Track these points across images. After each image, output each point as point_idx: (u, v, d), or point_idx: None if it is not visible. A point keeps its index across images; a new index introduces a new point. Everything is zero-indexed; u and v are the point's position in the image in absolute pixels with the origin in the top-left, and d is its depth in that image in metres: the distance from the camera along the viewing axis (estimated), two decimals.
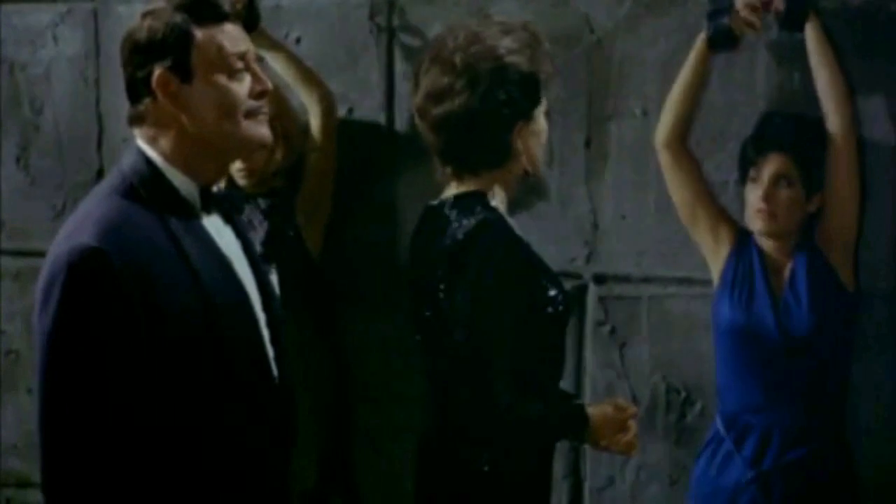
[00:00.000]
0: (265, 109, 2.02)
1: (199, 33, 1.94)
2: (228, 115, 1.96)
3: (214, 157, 2.00)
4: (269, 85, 2.02)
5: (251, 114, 1.98)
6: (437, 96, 2.34)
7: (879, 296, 2.88)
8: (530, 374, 2.35)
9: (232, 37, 1.98)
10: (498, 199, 2.41)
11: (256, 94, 1.99)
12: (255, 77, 2.00)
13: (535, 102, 2.39)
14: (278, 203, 3.13)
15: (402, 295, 2.58)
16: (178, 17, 1.93)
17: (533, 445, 2.43)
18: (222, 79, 1.96)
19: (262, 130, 2.01)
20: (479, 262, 2.27)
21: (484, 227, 2.31)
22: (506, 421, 2.29)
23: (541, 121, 2.43)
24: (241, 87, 1.97)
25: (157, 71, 1.92)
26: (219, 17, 1.97)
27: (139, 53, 1.94)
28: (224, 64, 1.96)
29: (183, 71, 1.93)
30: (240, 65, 1.98)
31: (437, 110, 2.34)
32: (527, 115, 2.37)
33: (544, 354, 2.41)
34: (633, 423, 2.45)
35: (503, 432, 2.32)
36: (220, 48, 1.96)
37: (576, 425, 2.40)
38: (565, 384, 2.68)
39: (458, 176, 2.41)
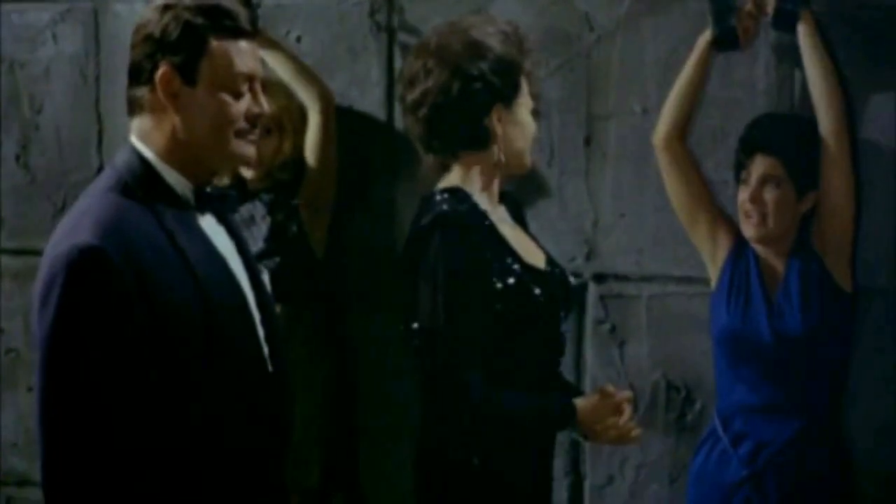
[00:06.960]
0: (256, 132, 2.02)
1: (214, 43, 1.95)
2: (218, 131, 1.96)
3: (201, 161, 2.00)
4: (266, 109, 2.03)
5: (240, 133, 1.99)
6: (412, 79, 2.37)
7: (879, 295, 2.87)
8: (509, 367, 2.33)
9: (244, 55, 1.98)
10: (480, 193, 2.39)
11: (251, 117, 1.99)
12: (255, 99, 2.00)
13: (513, 88, 2.38)
14: (282, 199, 3.13)
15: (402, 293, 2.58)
16: (198, 21, 1.94)
17: (516, 439, 2.39)
18: (224, 95, 1.96)
19: (248, 150, 2.01)
20: (429, 261, 2.28)
21: (435, 225, 2.30)
22: (481, 414, 2.29)
23: (523, 114, 2.42)
24: (239, 107, 1.97)
25: (164, 66, 1.93)
26: (237, 33, 1.98)
27: (150, 43, 1.94)
28: (230, 81, 1.96)
29: (188, 74, 1.94)
30: (244, 86, 1.98)
31: (413, 93, 2.37)
32: (505, 100, 2.37)
33: (525, 347, 2.38)
34: (626, 407, 2.41)
35: (480, 426, 2.31)
36: (231, 64, 1.96)
37: (562, 417, 2.38)
38: None
39: (443, 166, 2.41)
